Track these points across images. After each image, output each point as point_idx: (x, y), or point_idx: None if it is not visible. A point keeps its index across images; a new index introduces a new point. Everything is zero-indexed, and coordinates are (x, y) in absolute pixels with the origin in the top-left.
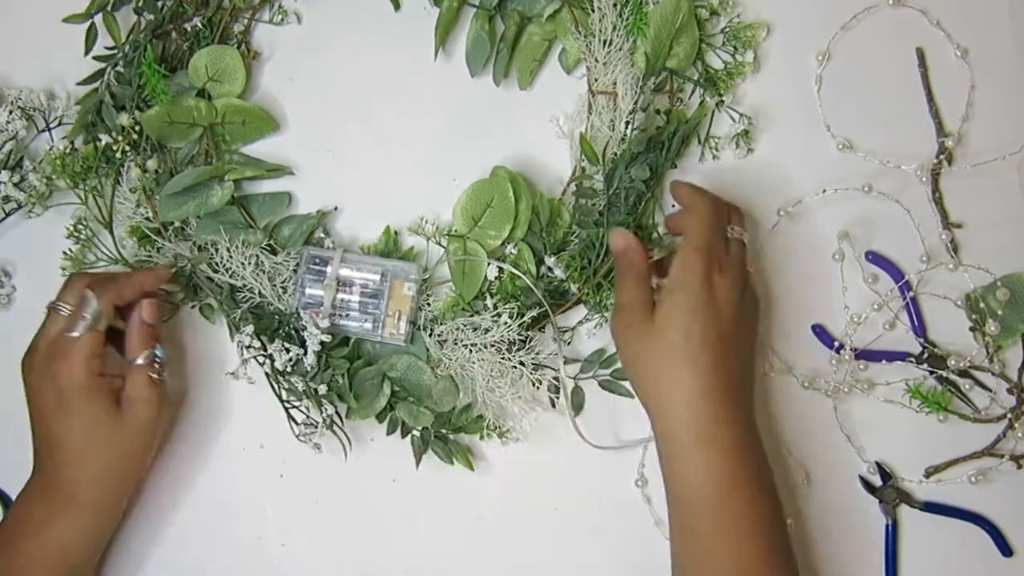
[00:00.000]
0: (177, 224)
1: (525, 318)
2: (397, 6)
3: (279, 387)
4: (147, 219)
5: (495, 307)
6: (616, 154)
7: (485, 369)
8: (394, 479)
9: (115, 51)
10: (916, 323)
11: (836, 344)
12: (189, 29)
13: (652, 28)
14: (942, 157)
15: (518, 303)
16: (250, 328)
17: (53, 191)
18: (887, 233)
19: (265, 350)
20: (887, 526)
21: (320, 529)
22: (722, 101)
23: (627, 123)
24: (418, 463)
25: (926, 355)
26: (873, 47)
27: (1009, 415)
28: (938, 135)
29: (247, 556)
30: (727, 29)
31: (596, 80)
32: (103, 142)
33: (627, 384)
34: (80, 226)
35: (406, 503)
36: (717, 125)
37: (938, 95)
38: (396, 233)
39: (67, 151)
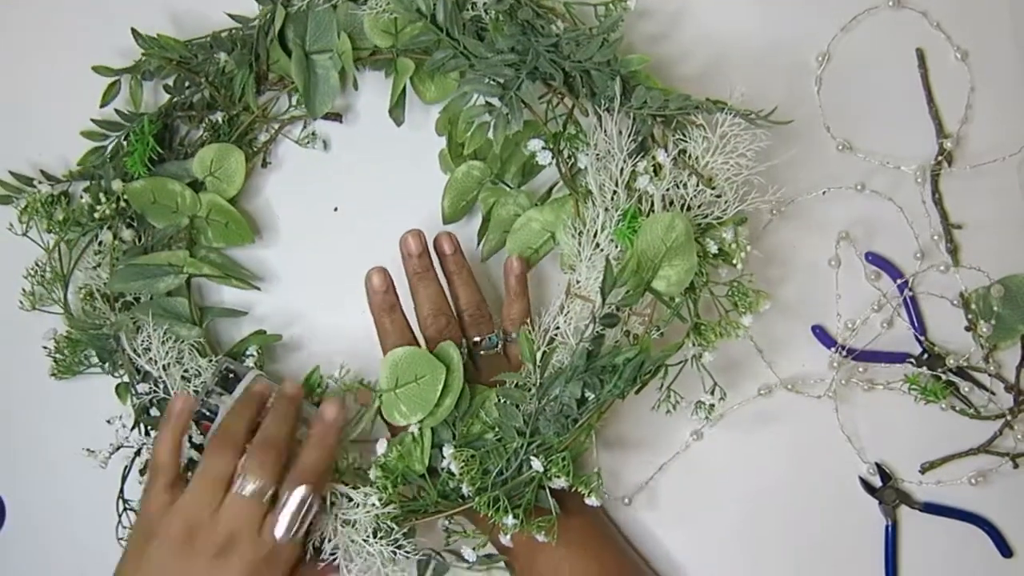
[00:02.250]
0: (130, 297)
1: (388, 508)
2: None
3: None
4: (104, 283)
5: (375, 483)
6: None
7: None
8: None
9: (133, 116)
10: (916, 324)
11: (836, 345)
12: (212, 122)
13: (640, 239)
14: (942, 158)
15: (395, 488)
16: (129, 420)
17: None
18: (887, 234)
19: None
20: (887, 527)
21: None
22: (700, 355)
23: (585, 335)
24: None
25: (926, 356)
26: (873, 48)
27: (1007, 415)
28: (938, 136)
29: None
30: (733, 285)
31: (578, 282)
32: (95, 201)
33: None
34: (44, 268)
35: None
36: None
37: (938, 96)
38: (322, 386)
39: (53, 197)
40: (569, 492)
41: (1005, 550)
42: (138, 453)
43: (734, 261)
